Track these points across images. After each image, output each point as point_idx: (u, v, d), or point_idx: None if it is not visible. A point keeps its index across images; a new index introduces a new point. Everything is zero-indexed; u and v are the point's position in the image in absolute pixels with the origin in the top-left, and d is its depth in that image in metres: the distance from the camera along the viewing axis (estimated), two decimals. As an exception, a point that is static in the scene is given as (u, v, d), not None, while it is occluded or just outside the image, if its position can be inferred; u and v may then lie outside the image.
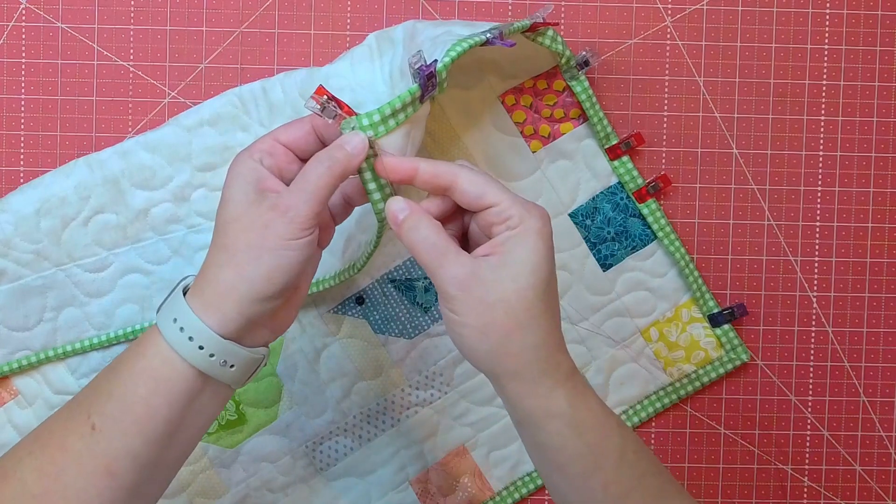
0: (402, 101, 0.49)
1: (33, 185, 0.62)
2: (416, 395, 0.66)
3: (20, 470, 0.46)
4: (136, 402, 0.46)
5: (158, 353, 0.46)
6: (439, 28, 0.56)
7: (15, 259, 0.62)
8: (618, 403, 0.66)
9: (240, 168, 0.47)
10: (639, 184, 0.65)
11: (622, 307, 0.66)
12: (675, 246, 0.64)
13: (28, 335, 0.63)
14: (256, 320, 0.47)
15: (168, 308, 0.47)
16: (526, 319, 0.45)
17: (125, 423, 0.46)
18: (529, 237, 0.46)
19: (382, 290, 0.65)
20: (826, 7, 0.65)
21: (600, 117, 0.63)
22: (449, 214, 0.50)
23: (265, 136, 0.49)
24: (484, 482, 0.66)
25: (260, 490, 0.66)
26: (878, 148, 0.66)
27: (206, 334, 0.45)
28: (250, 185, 0.47)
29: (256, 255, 0.45)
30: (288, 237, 0.45)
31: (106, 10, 0.64)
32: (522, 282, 0.45)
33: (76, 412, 0.47)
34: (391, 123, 0.49)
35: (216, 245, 0.47)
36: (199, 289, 0.47)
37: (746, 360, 0.65)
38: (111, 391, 0.46)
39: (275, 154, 0.49)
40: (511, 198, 0.46)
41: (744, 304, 0.65)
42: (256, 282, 0.45)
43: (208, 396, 0.48)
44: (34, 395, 0.64)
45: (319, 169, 0.46)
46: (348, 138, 0.47)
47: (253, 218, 0.46)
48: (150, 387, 0.46)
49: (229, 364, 0.47)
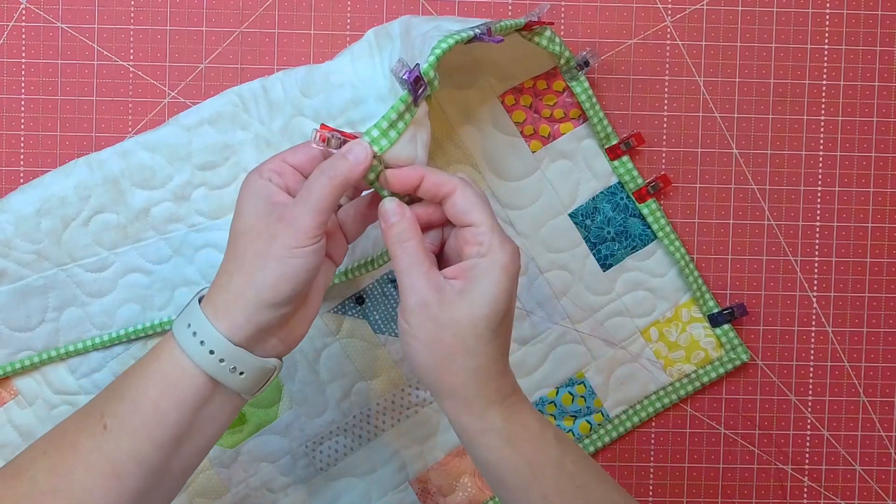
0: (397, 111, 0.49)
1: (33, 185, 0.62)
2: (415, 394, 0.66)
3: (33, 468, 0.47)
4: (146, 403, 0.47)
5: (171, 357, 0.47)
6: (430, 23, 0.56)
7: (16, 259, 0.62)
8: (618, 403, 0.66)
9: (251, 186, 0.49)
10: (639, 184, 0.65)
11: (622, 307, 0.66)
12: (675, 246, 0.64)
13: (30, 335, 0.63)
14: (266, 329, 0.48)
15: (184, 315, 0.48)
16: (472, 345, 0.47)
17: (134, 424, 0.46)
18: (495, 270, 0.47)
19: (382, 290, 0.65)
20: (826, 7, 0.65)
21: (600, 118, 0.63)
22: (433, 223, 0.51)
23: (274, 157, 0.50)
24: (484, 482, 0.66)
25: (260, 490, 0.66)
26: (878, 148, 0.66)
27: (216, 339, 0.46)
28: (260, 199, 0.48)
29: (263, 263, 0.47)
30: (292, 245, 0.46)
31: (106, 10, 0.64)
32: (477, 310, 0.47)
33: (92, 413, 0.48)
34: (392, 135, 0.49)
35: (228, 256, 0.48)
36: (211, 297, 0.48)
37: (746, 360, 0.65)
38: (124, 393, 0.47)
39: (283, 174, 0.50)
40: (491, 225, 0.48)
41: (744, 304, 0.65)
42: (264, 288, 0.47)
43: (218, 404, 0.48)
44: (34, 395, 0.64)
45: (321, 179, 0.47)
46: (350, 147, 0.48)
47: (262, 229, 0.47)
48: (160, 389, 0.47)
49: (239, 371, 0.47)
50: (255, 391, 0.49)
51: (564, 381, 0.66)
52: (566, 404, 0.66)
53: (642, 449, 0.66)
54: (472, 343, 0.47)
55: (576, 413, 0.66)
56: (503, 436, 0.48)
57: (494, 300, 0.47)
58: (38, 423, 0.64)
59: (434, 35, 0.53)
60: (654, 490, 0.66)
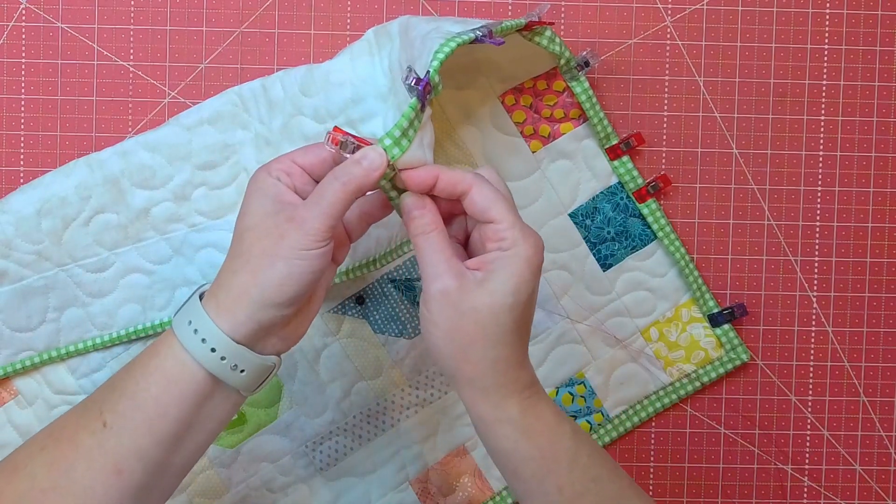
0: (408, 118, 0.49)
1: (33, 185, 0.62)
2: (416, 394, 0.66)
3: (31, 464, 0.47)
4: (147, 400, 0.47)
5: (172, 354, 0.47)
6: (430, 24, 0.56)
7: (16, 260, 0.62)
8: (617, 403, 0.66)
9: (259, 183, 0.49)
10: (639, 184, 0.65)
11: (622, 307, 0.66)
12: (675, 246, 0.64)
13: (31, 336, 0.63)
14: (268, 327, 0.48)
15: (185, 311, 0.48)
16: (493, 334, 0.47)
17: (136, 420, 0.47)
18: (517, 262, 0.47)
19: (382, 289, 0.65)
20: (826, 7, 0.65)
21: (600, 118, 0.63)
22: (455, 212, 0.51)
23: (283, 156, 0.50)
24: (484, 482, 0.66)
25: (260, 490, 0.66)
26: (878, 148, 0.66)
27: (218, 337, 0.46)
28: (269, 197, 0.48)
29: (270, 262, 0.46)
30: (301, 247, 0.46)
31: (106, 10, 0.64)
32: (498, 300, 0.47)
33: (90, 409, 0.48)
34: (404, 143, 0.49)
35: (232, 253, 0.48)
36: (213, 294, 0.48)
37: (746, 359, 0.65)
38: (124, 389, 0.47)
39: (292, 174, 0.49)
40: (512, 220, 0.48)
41: (743, 304, 0.65)
42: (268, 288, 0.46)
43: (218, 401, 0.48)
44: (34, 395, 0.64)
45: (335, 184, 0.47)
46: (365, 153, 0.48)
47: (269, 227, 0.47)
48: (162, 386, 0.47)
49: (240, 368, 0.47)
50: (255, 388, 0.50)
51: (564, 381, 0.66)
52: (566, 404, 0.66)
53: (642, 449, 0.66)
54: (493, 332, 0.47)
55: (576, 413, 0.66)
56: (519, 426, 0.48)
57: (516, 290, 0.47)
58: (38, 422, 0.64)
59: (434, 37, 0.53)
60: (654, 490, 0.66)
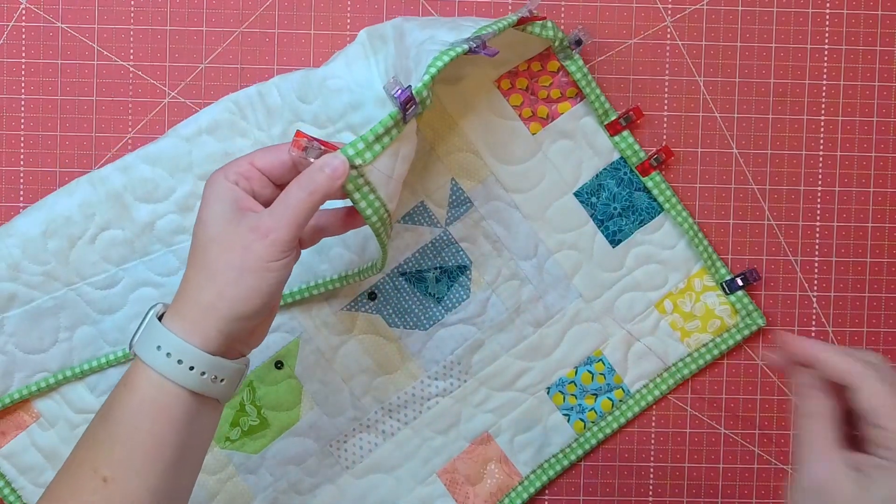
0: (385, 125, 0.49)
1: (37, 206, 0.62)
2: (435, 385, 0.66)
3: None
4: (143, 436, 0.46)
5: (150, 384, 0.46)
6: (425, 32, 0.56)
7: (25, 282, 0.62)
8: (638, 378, 0.66)
9: (216, 188, 0.48)
10: (641, 157, 0.64)
11: (634, 282, 0.66)
12: (682, 217, 0.64)
13: (44, 357, 0.63)
14: (236, 337, 0.47)
15: (147, 339, 0.47)
16: None
17: (137, 462, 0.46)
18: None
19: (394, 283, 0.65)
20: (826, 7, 0.65)
21: (597, 94, 0.63)
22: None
23: (241, 158, 0.49)
24: (511, 467, 0.66)
25: (288, 493, 0.65)
26: (878, 148, 0.66)
27: (193, 354, 0.46)
28: (228, 204, 0.47)
29: (237, 276, 0.46)
30: (268, 259, 0.46)
31: (106, 10, 0.64)
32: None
33: (80, 471, 0.46)
34: (377, 148, 0.49)
35: (195, 265, 0.47)
36: (177, 311, 0.47)
37: (763, 324, 0.65)
38: (113, 437, 0.46)
39: (250, 178, 0.49)
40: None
41: (755, 268, 0.65)
42: (237, 302, 0.46)
43: (204, 416, 0.48)
44: (55, 416, 0.64)
45: (300, 194, 0.46)
46: (328, 160, 0.47)
47: (233, 238, 0.46)
48: (152, 418, 0.46)
49: (219, 379, 0.47)
50: (232, 394, 0.49)
51: (583, 360, 0.66)
52: (586, 383, 0.66)
53: (642, 449, 0.67)
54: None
55: (597, 391, 0.66)
56: None
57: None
58: (61, 443, 0.64)
59: (429, 48, 0.53)
60: (654, 490, 0.66)
